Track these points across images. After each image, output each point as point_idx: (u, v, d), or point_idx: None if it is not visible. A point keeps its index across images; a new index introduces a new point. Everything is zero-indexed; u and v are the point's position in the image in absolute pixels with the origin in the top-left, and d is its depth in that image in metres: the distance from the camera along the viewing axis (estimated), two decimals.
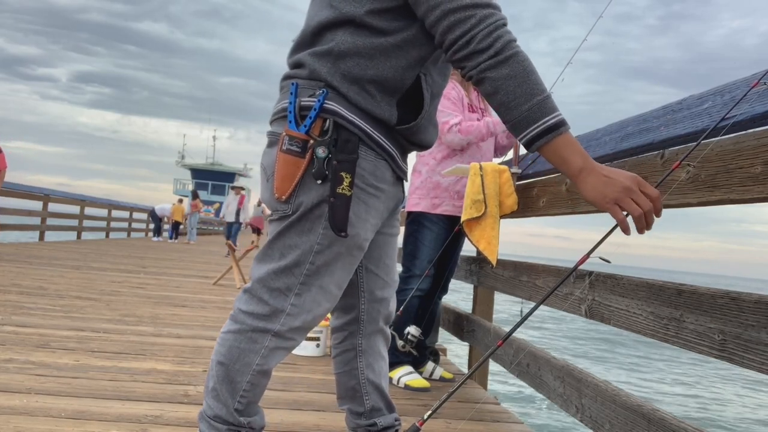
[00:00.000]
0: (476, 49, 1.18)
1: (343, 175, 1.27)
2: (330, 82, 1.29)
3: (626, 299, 1.70)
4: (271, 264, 1.34)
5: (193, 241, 19.10)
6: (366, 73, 1.29)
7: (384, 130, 1.33)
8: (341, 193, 1.27)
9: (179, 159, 54.47)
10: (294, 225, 1.31)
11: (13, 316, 3.66)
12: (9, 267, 6.77)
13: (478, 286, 3.21)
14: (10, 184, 11.17)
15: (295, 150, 1.28)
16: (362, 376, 1.58)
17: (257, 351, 1.35)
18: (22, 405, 2.00)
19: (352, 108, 1.29)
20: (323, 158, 1.27)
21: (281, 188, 1.29)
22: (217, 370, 1.37)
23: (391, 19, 1.28)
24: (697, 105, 1.48)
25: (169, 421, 1.97)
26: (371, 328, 1.58)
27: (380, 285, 1.56)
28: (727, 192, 1.37)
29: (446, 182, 2.83)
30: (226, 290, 6.37)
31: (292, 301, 1.33)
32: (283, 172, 1.29)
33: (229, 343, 1.36)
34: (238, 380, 1.36)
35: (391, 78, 1.30)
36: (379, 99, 1.31)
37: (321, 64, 1.30)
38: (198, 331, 3.77)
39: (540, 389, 2.23)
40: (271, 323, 1.34)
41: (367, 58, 1.29)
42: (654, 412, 1.54)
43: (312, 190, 1.29)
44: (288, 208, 1.31)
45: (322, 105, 1.28)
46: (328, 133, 1.27)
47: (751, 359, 1.24)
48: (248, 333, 1.35)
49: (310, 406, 2.30)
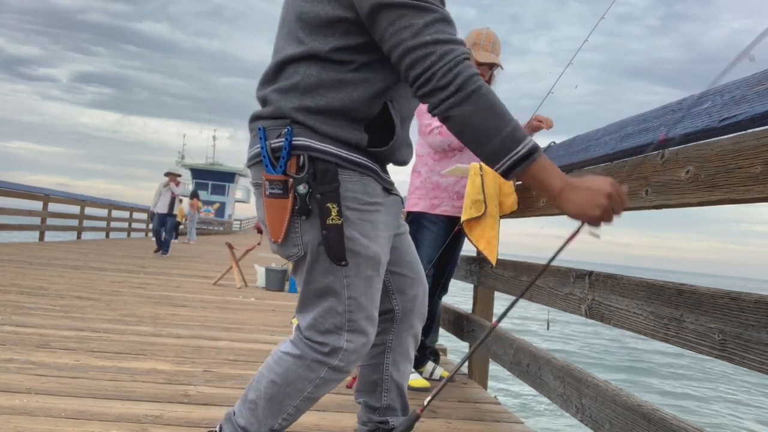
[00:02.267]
0: (437, 86, 1.19)
1: (329, 207, 1.29)
2: (294, 117, 1.30)
3: (626, 299, 1.70)
4: (313, 311, 1.37)
5: (193, 241, 19.10)
6: (332, 105, 1.30)
7: (358, 149, 1.34)
8: (332, 224, 1.30)
9: (179, 159, 54.43)
10: (315, 266, 1.34)
11: (13, 316, 3.66)
12: (9, 267, 6.77)
13: (478, 286, 3.21)
14: (10, 184, 11.17)
15: (277, 192, 1.30)
16: (386, 372, 1.61)
17: (312, 380, 1.38)
18: (22, 405, 2.00)
19: (322, 138, 1.30)
20: (304, 194, 1.28)
21: (274, 232, 1.32)
22: (267, 388, 1.39)
23: (356, 53, 1.30)
24: (696, 105, 1.48)
25: (169, 421, 1.97)
26: (403, 326, 1.61)
27: (408, 283, 1.59)
28: (727, 192, 1.37)
29: (446, 182, 2.83)
30: (226, 290, 6.37)
31: (346, 337, 1.36)
32: (271, 216, 1.32)
33: (287, 365, 1.39)
34: (287, 402, 1.39)
35: (358, 108, 1.32)
36: (345, 126, 1.32)
37: (286, 100, 1.32)
38: (198, 331, 3.77)
39: (540, 389, 2.23)
40: (331, 359, 1.37)
41: (334, 90, 1.30)
42: (654, 412, 1.54)
43: (308, 228, 1.31)
44: (299, 250, 1.34)
45: (290, 143, 1.29)
46: (304, 168, 1.28)
47: (751, 359, 1.24)
48: (307, 361, 1.38)
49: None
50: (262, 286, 6.88)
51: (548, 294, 2.21)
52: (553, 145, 2.42)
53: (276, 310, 5.12)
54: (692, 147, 1.50)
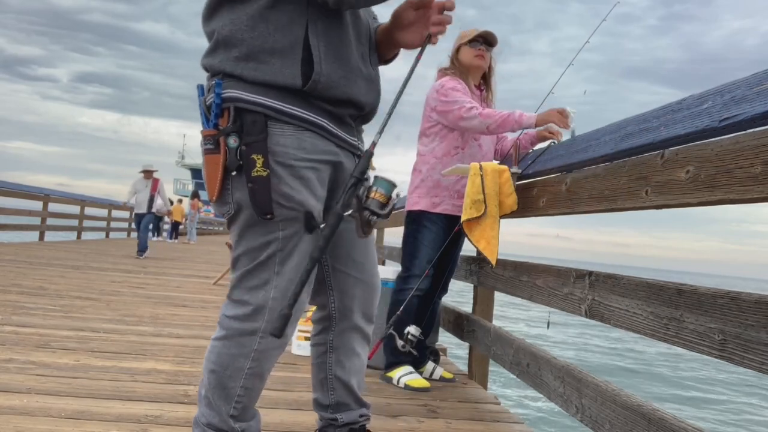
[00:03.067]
0: None
1: (254, 158, 1.25)
2: (224, 69, 1.27)
3: (626, 299, 1.70)
4: (242, 267, 1.33)
5: (193, 241, 19.09)
6: (254, 45, 1.26)
7: (299, 100, 1.29)
8: (257, 175, 1.25)
9: (179, 159, 54.45)
10: (248, 222, 1.30)
11: (13, 316, 3.66)
12: (9, 267, 6.77)
13: (478, 286, 3.21)
14: (10, 184, 11.17)
15: (210, 147, 1.27)
16: (330, 371, 1.59)
17: (247, 355, 1.34)
18: (22, 405, 2.00)
19: (252, 87, 1.26)
20: (235, 147, 1.25)
21: (210, 189, 1.28)
22: (209, 378, 1.36)
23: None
24: (696, 105, 1.48)
25: (169, 421, 1.97)
26: (344, 326, 1.57)
27: (351, 283, 1.53)
28: (727, 192, 1.37)
29: (446, 181, 2.83)
30: (226, 290, 6.36)
31: (272, 294, 1.31)
32: (207, 172, 1.29)
33: (218, 349, 1.35)
34: (231, 386, 1.35)
35: (279, 39, 1.26)
36: (279, 65, 1.26)
37: (213, 58, 1.30)
38: (198, 331, 3.76)
39: (540, 389, 2.23)
40: (256, 322, 1.32)
41: (249, 30, 1.26)
42: (654, 412, 1.54)
43: (240, 184, 1.27)
44: (229, 208, 1.29)
45: (220, 95, 1.26)
46: (232, 120, 1.25)
47: (751, 359, 1.24)
48: (236, 338, 1.34)
49: (310, 406, 2.29)
50: None
51: (548, 294, 2.21)
52: (554, 145, 2.42)
53: None
54: (692, 147, 1.50)
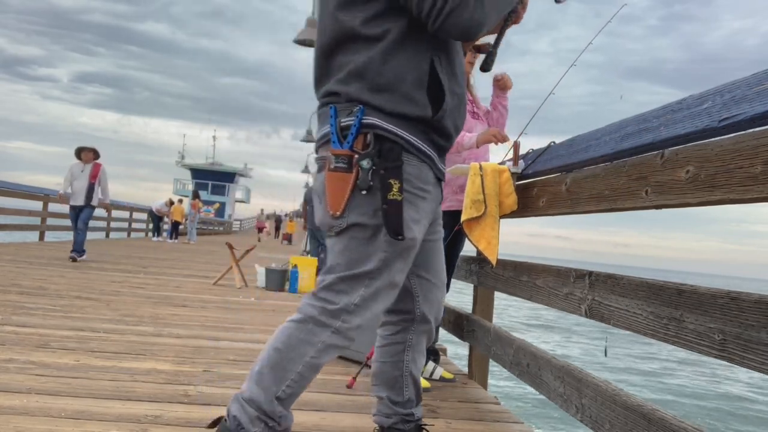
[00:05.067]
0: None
1: (391, 182, 1.36)
2: (360, 98, 1.39)
3: (626, 299, 1.70)
4: (338, 273, 1.42)
5: (193, 241, 19.10)
6: (387, 77, 1.38)
7: (421, 134, 1.42)
8: (392, 198, 1.37)
9: (179, 159, 54.43)
10: (354, 238, 1.40)
11: (13, 316, 3.66)
12: (9, 267, 6.77)
13: (478, 286, 3.21)
14: (10, 184, 11.17)
15: (341, 167, 1.37)
16: (406, 368, 1.70)
17: (314, 344, 1.42)
18: (22, 405, 2.00)
19: (389, 117, 1.38)
20: (368, 169, 1.36)
21: (334, 204, 1.39)
22: (270, 355, 1.43)
23: (382, 23, 1.38)
24: (696, 105, 1.48)
25: (169, 421, 1.97)
26: (422, 327, 1.70)
27: (431, 288, 1.68)
28: (727, 192, 1.37)
29: (448, 176, 2.84)
30: (226, 290, 6.37)
31: (356, 301, 1.41)
32: (333, 188, 1.39)
33: (289, 331, 1.43)
34: (289, 368, 1.42)
35: (409, 72, 1.39)
36: (410, 97, 1.39)
37: (350, 87, 1.40)
38: (198, 331, 3.77)
39: (540, 389, 2.23)
40: (334, 320, 1.42)
41: (381, 63, 1.38)
42: (654, 412, 1.54)
43: (363, 202, 1.38)
44: (343, 222, 1.40)
45: (360, 121, 1.37)
46: (370, 145, 1.36)
47: (751, 359, 1.24)
48: (309, 325, 1.42)
49: (310, 406, 2.30)
50: (262, 286, 6.88)
51: (548, 294, 2.21)
52: (553, 145, 2.42)
53: (276, 310, 5.12)
54: (692, 147, 1.50)
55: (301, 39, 10.17)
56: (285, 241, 26.95)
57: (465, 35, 1.36)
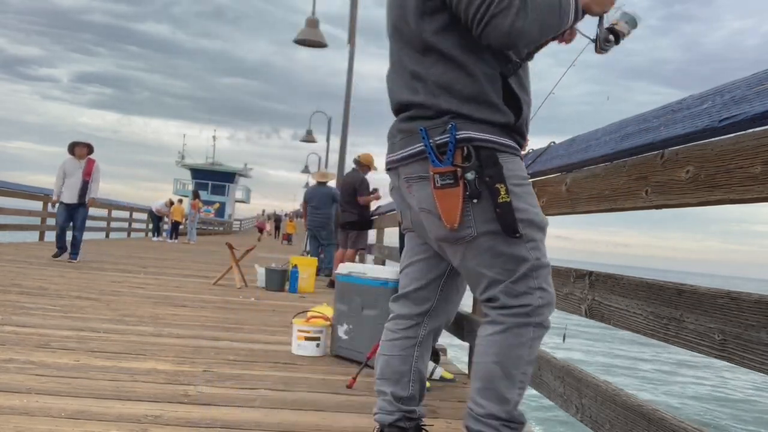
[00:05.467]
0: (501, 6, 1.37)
1: (498, 187, 1.43)
2: (451, 109, 1.45)
3: (626, 299, 1.70)
4: (505, 282, 1.48)
5: (193, 242, 19.09)
6: (473, 90, 1.45)
7: (507, 135, 1.50)
8: (503, 201, 1.44)
9: (179, 159, 54.44)
10: (492, 244, 1.47)
11: (13, 316, 3.66)
12: (9, 267, 6.77)
13: None
14: (10, 184, 11.17)
15: (448, 182, 1.44)
16: (414, 364, 1.72)
17: (525, 343, 1.49)
18: (22, 405, 2.00)
19: (479, 126, 1.45)
20: (473, 180, 1.42)
21: (450, 218, 1.45)
22: (491, 370, 1.49)
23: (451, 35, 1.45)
24: (696, 105, 1.48)
25: (169, 421, 1.97)
26: (433, 325, 1.74)
27: (454, 291, 1.74)
28: (727, 192, 1.37)
29: None
30: (226, 290, 6.37)
31: (538, 295, 1.50)
32: (445, 205, 1.45)
33: (498, 342, 1.49)
34: (514, 373, 1.49)
35: (489, 83, 1.47)
36: (495, 106, 1.47)
37: (439, 100, 1.47)
38: (198, 331, 3.77)
39: (540, 389, 2.23)
40: (530, 318, 1.49)
41: (465, 77, 1.45)
42: (654, 412, 1.54)
43: (481, 210, 1.45)
44: (472, 231, 1.46)
45: (455, 136, 1.43)
46: (470, 158, 1.43)
47: (752, 359, 1.24)
48: (513, 329, 1.48)
49: (310, 406, 2.30)
50: (262, 286, 6.88)
51: None
52: (553, 145, 2.42)
53: (276, 310, 5.12)
54: (692, 147, 1.50)
55: (301, 39, 10.16)
56: (285, 241, 26.96)
57: (505, 42, 1.40)
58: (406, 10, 1.50)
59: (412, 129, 1.50)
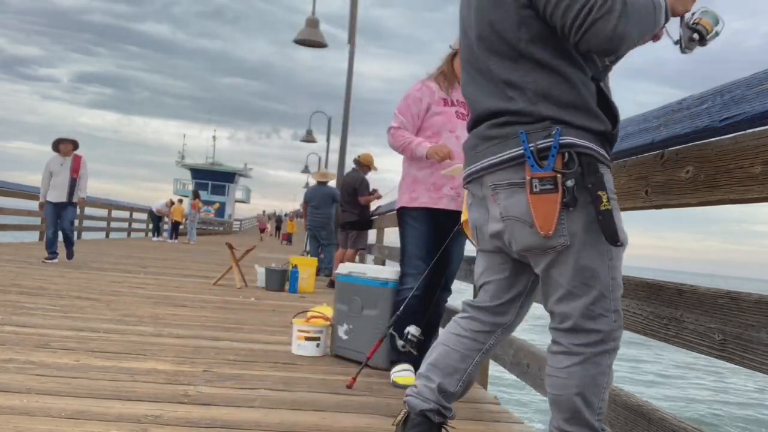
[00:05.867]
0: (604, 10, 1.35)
1: (600, 194, 1.41)
2: (551, 116, 1.43)
3: (626, 299, 1.70)
4: (583, 298, 1.45)
5: (193, 242, 19.09)
6: (571, 96, 1.44)
7: (601, 143, 1.48)
8: (605, 209, 1.41)
9: (179, 159, 54.44)
10: (582, 253, 1.43)
11: (13, 316, 3.66)
12: (9, 267, 6.77)
13: None
14: (10, 184, 11.17)
15: (548, 188, 1.41)
16: (471, 367, 1.71)
17: (604, 372, 1.48)
18: (22, 405, 2.00)
19: (581, 133, 1.43)
20: (572, 187, 1.39)
21: (545, 225, 1.41)
22: (574, 401, 1.47)
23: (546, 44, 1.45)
24: (696, 105, 1.48)
25: (169, 421, 1.97)
26: (502, 338, 1.73)
27: (527, 309, 1.73)
28: (727, 192, 1.37)
29: (422, 175, 2.90)
30: (226, 290, 6.37)
31: (613, 318, 1.47)
32: (541, 211, 1.41)
33: (578, 374, 1.47)
34: (594, 401, 1.48)
35: (586, 90, 1.46)
36: (595, 113, 1.46)
37: (536, 106, 1.44)
38: (198, 331, 3.76)
39: (540, 389, 2.23)
40: (606, 344, 1.47)
41: (562, 83, 1.44)
42: (654, 412, 1.54)
43: (576, 217, 1.42)
44: (565, 240, 1.42)
45: (558, 141, 1.41)
46: (573, 164, 1.41)
47: (752, 359, 1.24)
48: (592, 359, 1.47)
49: (310, 406, 2.30)
50: (262, 286, 6.88)
51: None
52: None
53: (276, 310, 5.12)
54: (692, 147, 1.50)
55: (301, 39, 10.16)
56: (285, 241, 26.95)
57: (606, 48, 1.38)
58: (498, 20, 1.48)
59: (507, 134, 1.47)
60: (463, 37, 1.66)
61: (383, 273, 3.15)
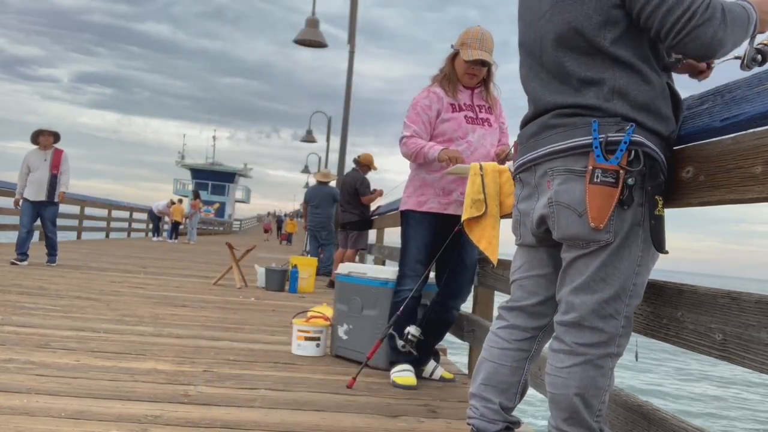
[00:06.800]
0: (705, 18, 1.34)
1: (657, 199, 1.41)
2: (626, 115, 1.41)
3: None
4: (598, 294, 1.44)
5: (193, 242, 19.09)
6: (646, 97, 1.43)
7: (665, 152, 1.46)
8: (658, 214, 1.41)
9: (179, 159, 54.46)
10: (615, 252, 1.42)
11: (13, 316, 3.66)
12: (9, 267, 6.77)
13: (478, 286, 3.21)
14: (11, 184, 11.16)
15: (609, 181, 1.39)
16: (525, 377, 1.71)
17: (605, 374, 1.47)
18: (22, 405, 2.00)
19: (650, 135, 1.42)
20: (632, 186, 1.39)
21: (598, 218, 1.39)
22: (574, 401, 1.47)
23: (627, 44, 1.43)
24: (696, 105, 1.48)
25: (169, 421, 1.97)
26: (547, 340, 1.70)
27: None
28: (727, 192, 1.37)
29: (432, 179, 2.85)
30: (226, 290, 6.37)
31: (622, 323, 1.46)
32: (598, 202, 1.40)
33: (579, 374, 1.47)
34: (594, 403, 1.47)
35: (660, 93, 1.45)
36: (666, 116, 1.45)
37: (613, 104, 1.43)
38: (198, 331, 3.77)
39: (540, 389, 2.23)
40: (610, 347, 1.46)
41: (640, 84, 1.43)
42: (654, 412, 1.54)
43: (625, 216, 1.41)
44: (609, 237, 1.41)
45: (630, 137, 1.39)
46: (639, 162, 1.39)
47: (752, 359, 1.24)
48: (594, 361, 1.46)
49: (310, 406, 2.30)
50: (262, 286, 6.88)
51: None
52: None
53: (276, 310, 5.12)
54: (692, 147, 1.50)
55: (301, 39, 10.16)
56: (284, 241, 26.95)
57: (703, 53, 1.37)
58: (578, 18, 1.45)
59: (576, 123, 1.45)
60: (527, 30, 1.61)
61: (383, 273, 3.15)
